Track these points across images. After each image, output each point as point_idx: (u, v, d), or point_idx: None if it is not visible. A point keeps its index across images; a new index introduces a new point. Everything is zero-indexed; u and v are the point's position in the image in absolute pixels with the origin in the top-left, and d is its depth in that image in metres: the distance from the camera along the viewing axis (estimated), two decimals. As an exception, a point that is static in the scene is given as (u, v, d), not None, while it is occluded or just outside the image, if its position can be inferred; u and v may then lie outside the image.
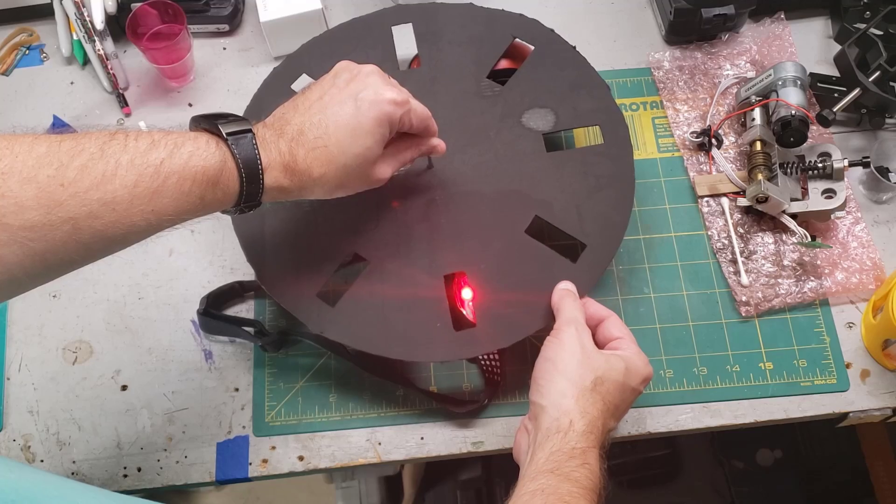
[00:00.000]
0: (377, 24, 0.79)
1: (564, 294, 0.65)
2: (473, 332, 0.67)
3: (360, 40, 0.79)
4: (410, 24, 0.79)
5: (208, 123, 0.56)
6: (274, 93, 0.76)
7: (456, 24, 0.79)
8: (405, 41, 0.78)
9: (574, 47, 0.77)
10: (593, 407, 0.57)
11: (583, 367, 0.58)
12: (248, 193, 0.56)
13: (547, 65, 0.77)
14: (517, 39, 0.78)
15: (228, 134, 0.55)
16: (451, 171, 0.72)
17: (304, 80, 0.77)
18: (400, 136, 0.63)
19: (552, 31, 0.78)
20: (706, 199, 0.80)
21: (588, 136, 0.80)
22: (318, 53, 0.78)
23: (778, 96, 0.77)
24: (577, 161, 0.73)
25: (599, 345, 0.62)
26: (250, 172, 0.55)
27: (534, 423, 0.58)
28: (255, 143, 0.55)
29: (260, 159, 0.55)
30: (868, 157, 0.77)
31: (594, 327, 0.64)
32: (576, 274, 0.68)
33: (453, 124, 0.73)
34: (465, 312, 0.68)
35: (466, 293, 0.69)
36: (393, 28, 0.79)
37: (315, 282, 0.69)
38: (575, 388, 0.57)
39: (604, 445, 0.58)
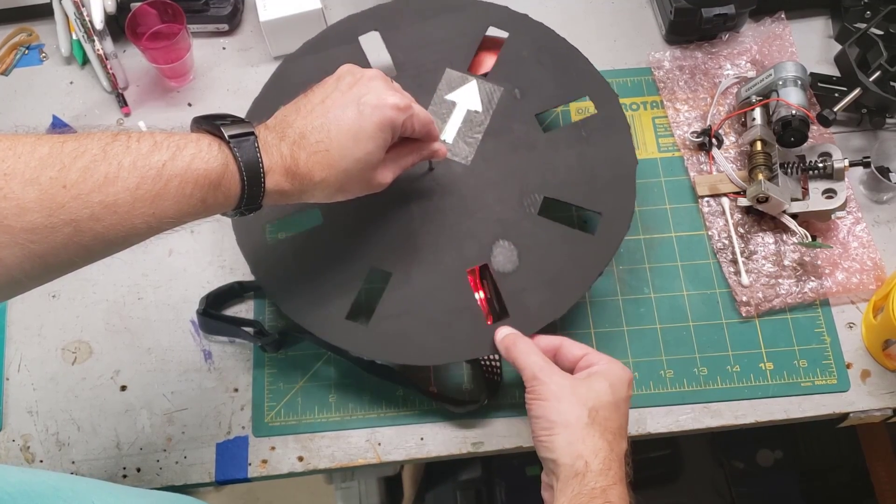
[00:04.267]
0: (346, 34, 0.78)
1: (511, 344, 0.63)
2: (509, 322, 0.67)
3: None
4: (377, 33, 0.78)
5: (210, 125, 0.55)
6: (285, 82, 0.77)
7: (421, 22, 0.78)
8: (375, 49, 0.77)
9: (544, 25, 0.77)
10: (601, 440, 0.56)
11: (573, 407, 0.57)
12: (249, 196, 0.55)
13: (525, 48, 0.76)
14: (489, 32, 0.77)
15: (231, 137, 0.54)
16: (452, 168, 0.72)
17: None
18: (401, 140, 0.63)
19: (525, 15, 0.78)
20: (706, 199, 0.80)
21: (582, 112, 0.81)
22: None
23: (778, 96, 0.77)
24: (573, 135, 0.73)
25: (566, 370, 0.61)
26: (252, 176, 0.55)
27: (552, 477, 0.57)
28: (258, 146, 0.55)
29: (262, 162, 0.55)
30: (868, 157, 0.77)
31: (553, 357, 0.63)
32: (596, 245, 0.68)
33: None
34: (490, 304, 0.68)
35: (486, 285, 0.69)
36: (360, 38, 0.78)
37: (342, 305, 0.68)
38: (576, 431, 0.56)
39: (628, 475, 0.57)
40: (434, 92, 0.75)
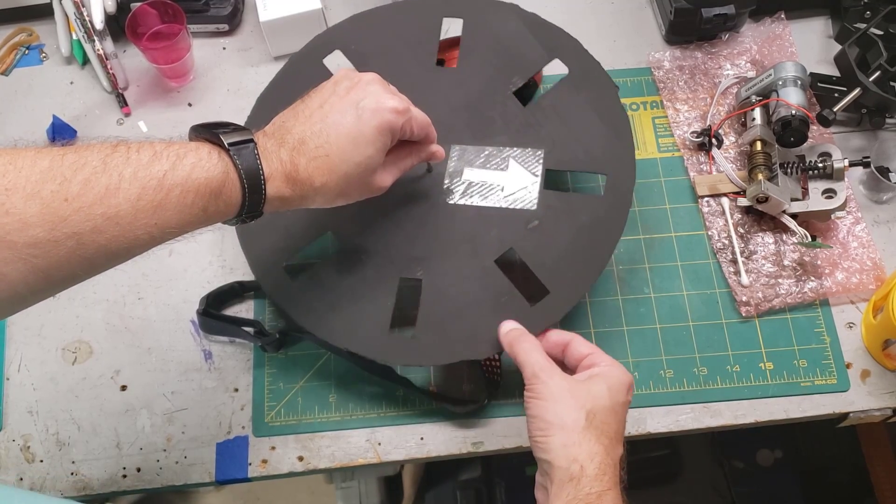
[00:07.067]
0: (423, 12, 0.77)
1: (514, 339, 0.63)
2: (412, 342, 0.67)
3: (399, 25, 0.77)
4: (461, 20, 0.77)
5: (209, 133, 0.55)
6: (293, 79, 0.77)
7: (503, 29, 0.76)
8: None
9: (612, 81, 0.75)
10: (598, 444, 0.56)
11: (571, 409, 0.57)
12: (250, 204, 0.55)
13: (577, 92, 0.74)
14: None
15: (230, 144, 0.54)
16: (434, 187, 0.72)
17: None
18: (400, 143, 0.63)
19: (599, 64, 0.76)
20: (706, 199, 0.80)
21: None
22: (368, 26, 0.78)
23: (778, 96, 0.77)
24: (570, 206, 0.70)
25: (572, 367, 0.61)
26: (252, 183, 0.54)
27: (546, 478, 0.57)
28: (257, 154, 0.55)
29: (262, 170, 0.55)
30: (868, 157, 0.77)
31: (562, 353, 0.63)
32: (528, 317, 0.66)
33: (462, 133, 0.73)
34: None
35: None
36: (444, 19, 0.77)
37: (285, 253, 0.71)
38: (573, 433, 0.56)
39: (622, 479, 0.57)
40: (501, 133, 0.73)
